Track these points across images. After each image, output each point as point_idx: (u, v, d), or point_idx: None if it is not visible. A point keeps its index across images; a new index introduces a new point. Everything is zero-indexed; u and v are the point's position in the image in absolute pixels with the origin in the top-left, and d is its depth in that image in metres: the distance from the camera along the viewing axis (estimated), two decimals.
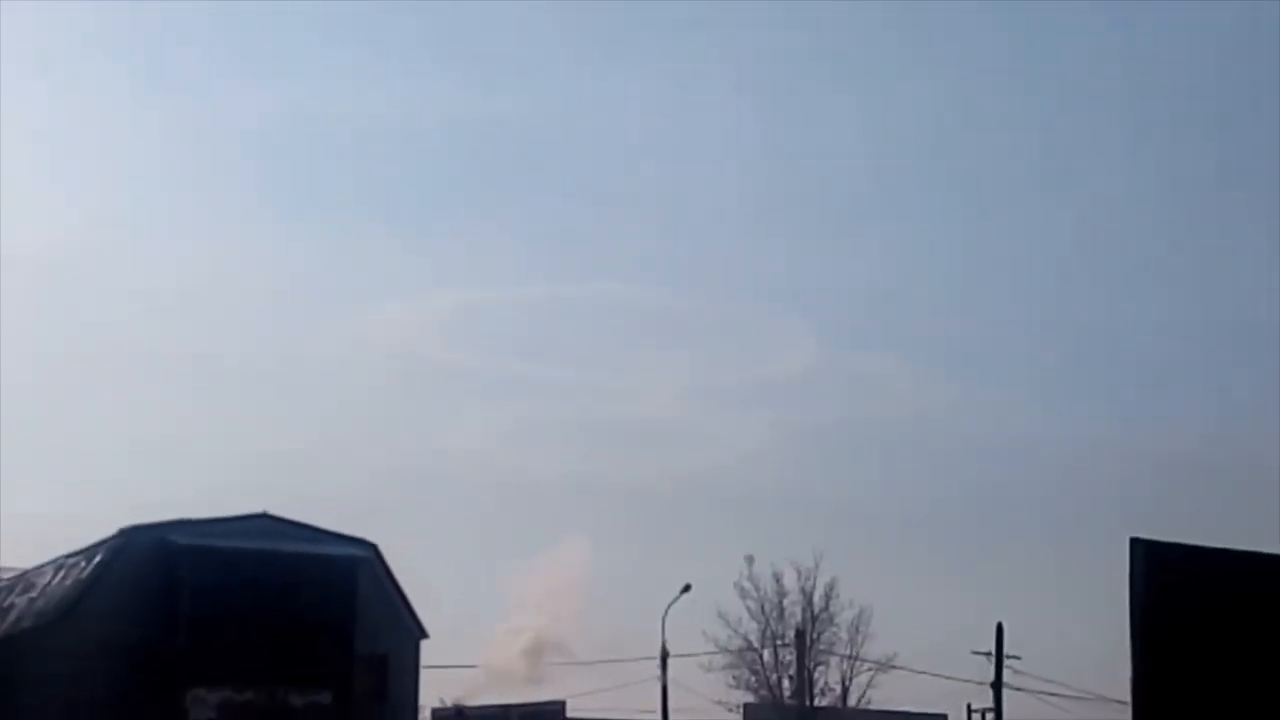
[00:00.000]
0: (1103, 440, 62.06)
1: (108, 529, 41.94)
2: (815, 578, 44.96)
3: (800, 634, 44.09)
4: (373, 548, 43.75)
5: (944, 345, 71.22)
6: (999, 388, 71.24)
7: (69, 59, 77.93)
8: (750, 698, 45.37)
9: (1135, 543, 11.00)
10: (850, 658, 45.64)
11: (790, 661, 44.79)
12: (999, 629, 38.09)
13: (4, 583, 47.68)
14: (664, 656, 40.89)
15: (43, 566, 45.89)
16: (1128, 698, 10.92)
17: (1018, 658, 38.25)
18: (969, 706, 39.71)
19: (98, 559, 42.45)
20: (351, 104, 72.81)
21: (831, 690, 45.07)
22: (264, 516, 42.88)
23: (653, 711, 41.11)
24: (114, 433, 67.00)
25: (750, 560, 45.24)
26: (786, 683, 45.04)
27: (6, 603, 46.79)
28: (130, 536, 41.64)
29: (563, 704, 44.58)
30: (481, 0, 75.21)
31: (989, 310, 73.65)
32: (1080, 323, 73.30)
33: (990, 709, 38.33)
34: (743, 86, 78.12)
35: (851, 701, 45.18)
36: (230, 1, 75.48)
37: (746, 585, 45.00)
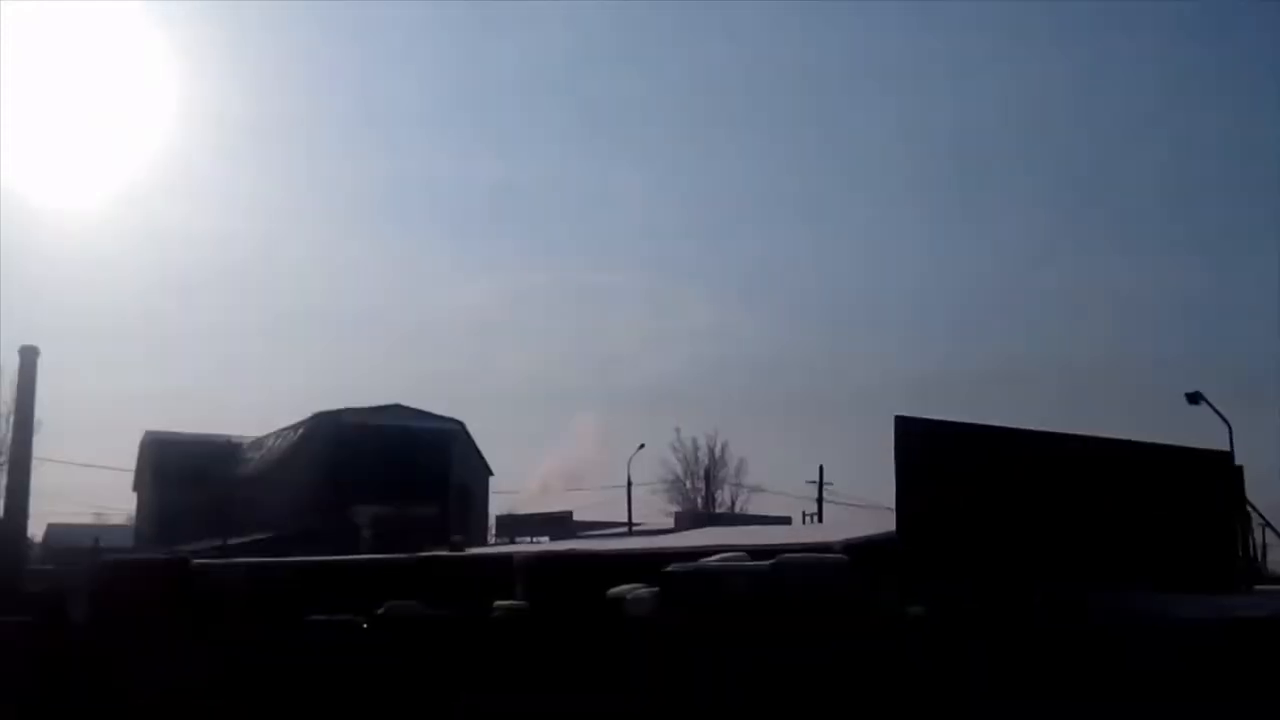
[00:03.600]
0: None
1: (305, 413, 61.48)
2: (716, 440, 61.04)
3: (707, 472, 60.83)
4: (460, 423, 61.63)
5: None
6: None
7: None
8: (679, 508, 59.61)
9: (898, 418, 14.42)
10: (735, 485, 61.58)
11: (701, 488, 60.99)
12: (820, 468, 51.03)
13: (247, 444, 66.49)
14: (629, 484, 53.84)
15: (268, 435, 65.07)
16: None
17: (832, 485, 51.14)
18: (804, 513, 52.07)
19: (300, 431, 60.80)
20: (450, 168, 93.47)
21: (724, 504, 60.88)
22: (397, 406, 59.42)
23: (624, 518, 53.94)
24: (310, 355, 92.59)
25: (678, 431, 61.42)
26: (700, 500, 60.72)
27: (247, 456, 65.60)
28: (318, 418, 59.50)
29: (570, 513, 60.16)
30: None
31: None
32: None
33: (815, 514, 50.50)
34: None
35: (737, 510, 59.96)
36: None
37: (676, 445, 61.05)
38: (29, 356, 42.68)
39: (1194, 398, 29.87)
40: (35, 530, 58.95)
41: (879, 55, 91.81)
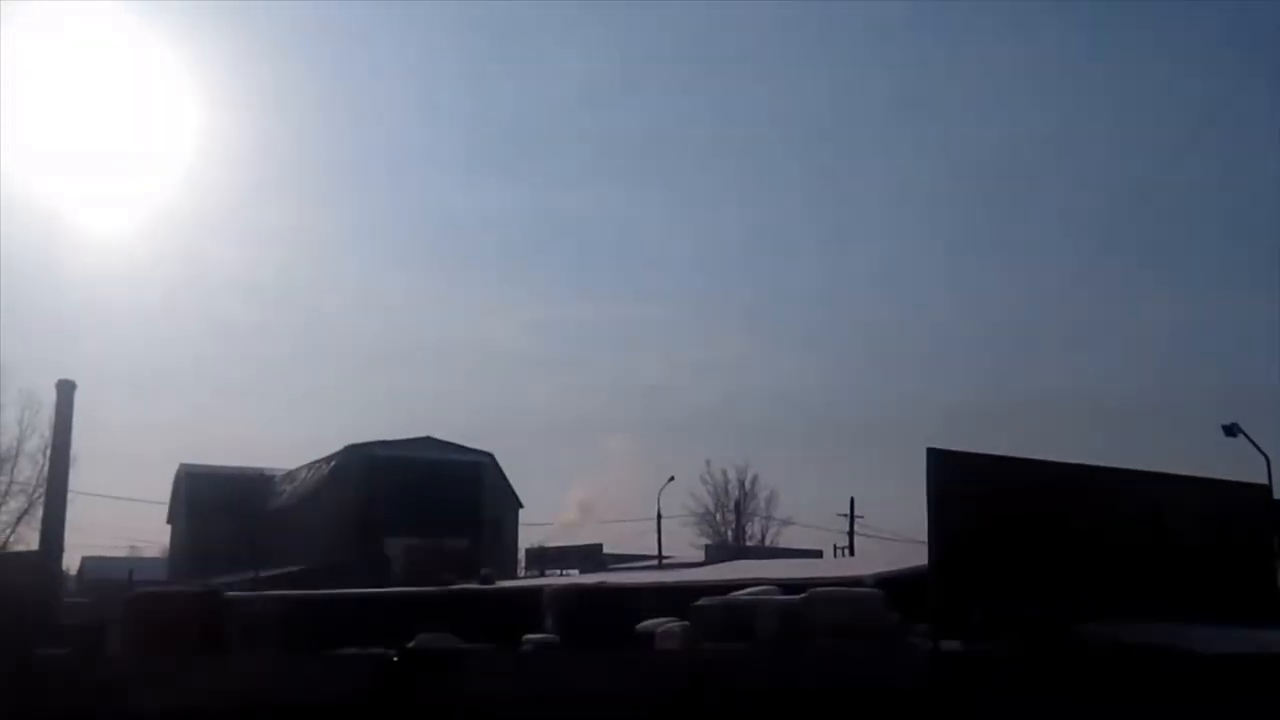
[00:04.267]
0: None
1: (337, 446, 61.26)
2: (746, 473, 59.81)
3: (737, 505, 60.00)
4: (490, 455, 61.62)
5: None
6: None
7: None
8: (709, 541, 58.40)
9: (930, 451, 14.24)
10: (766, 518, 60.72)
11: (732, 520, 60.20)
12: (851, 501, 50.06)
13: (279, 476, 66.53)
14: (659, 517, 52.65)
15: (300, 467, 65.01)
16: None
17: (862, 517, 50.20)
18: (834, 546, 51.75)
19: (332, 464, 60.59)
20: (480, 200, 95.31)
21: (755, 537, 60.04)
22: (428, 439, 59.36)
23: (654, 551, 52.92)
24: (340, 392, 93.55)
25: (708, 462, 59.93)
26: (730, 533, 59.98)
27: (279, 489, 65.61)
28: (350, 450, 59.46)
29: (600, 545, 58.59)
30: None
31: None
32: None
33: (846, 547, 49.84)
34: None
35: (767, 543, 59.24)
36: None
37: (706, 477, 59.62)
38: (66, 390, 43.26)
39: (1231, 430, 29.58)
40: (70, 563, 59.44)
41: (904, 84, 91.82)
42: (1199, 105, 79.64)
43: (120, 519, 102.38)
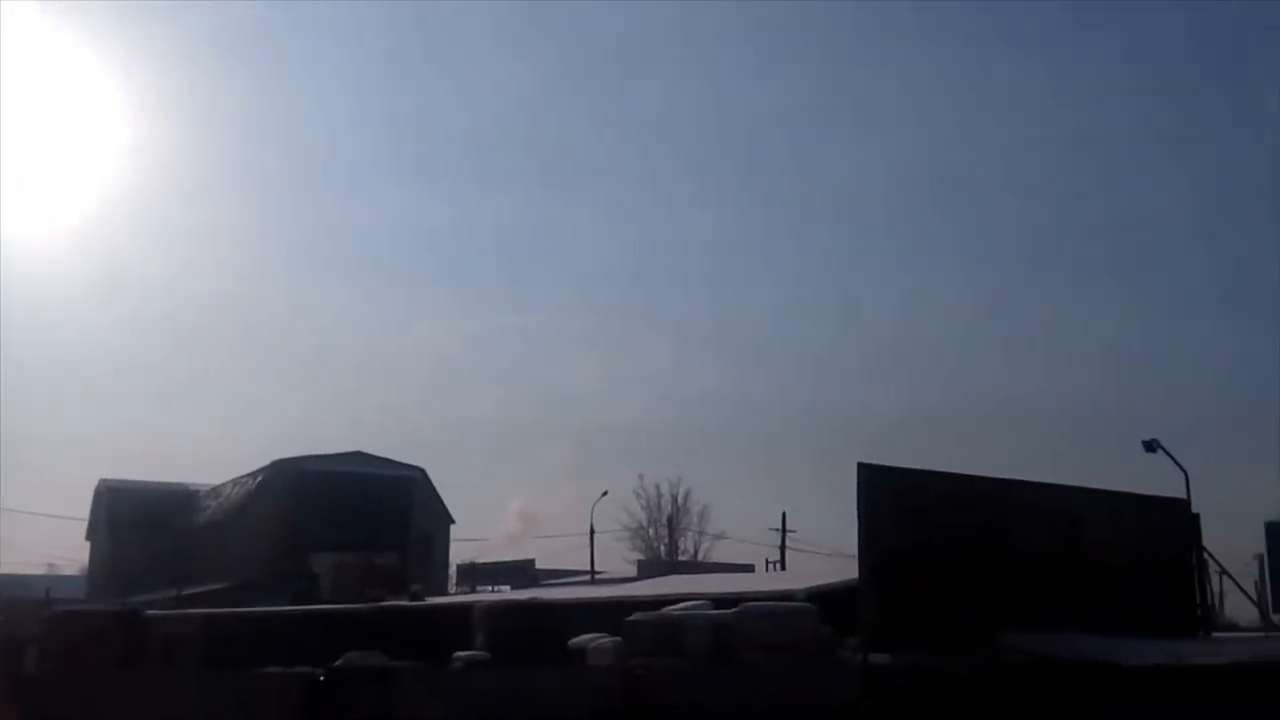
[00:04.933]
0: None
1: (264, 460, 60.61)
2: (679, 487, 61.00)
3: (670, 520, 60.87)
4: (422, 470, 61.15)
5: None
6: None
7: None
8: (642, 556, 59.89)
9: (860, 465, 14.33)
10: (698, 533, 61.59)
11: (665, 535, 61.11)
12: (783, 515, 52.03)
13: (204, 492, 65.23)
14: (592, 532, 54.49)
15: (225, 483, 63.64)
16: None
17: (794, 532, 51.99)
18: (767, 560, 52.80)
19: (259, 479, 59.70)
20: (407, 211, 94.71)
21: (688, 552, 60.93)
22: (358, 454, 58.82)
23: (586, 566, 54.47)
24: (269, 405, 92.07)
25: (641, 477, 61.30)
26: (663, 548, 60.79)
27: (204, 504, 64.27)
28: (277, 465, 58.72)
29: (532, 561, 59.80)
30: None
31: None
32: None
33: (778, 561, 50.97)
34: None
35: (699, 558, 60.12)
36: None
37: (640, 491, 60.98)
38: None
39: (1150, 445, 30.28)
40: None
41: (843, 96, 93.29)
42: (1141, 121, 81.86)
43: (38, 536, 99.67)
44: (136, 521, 59.99)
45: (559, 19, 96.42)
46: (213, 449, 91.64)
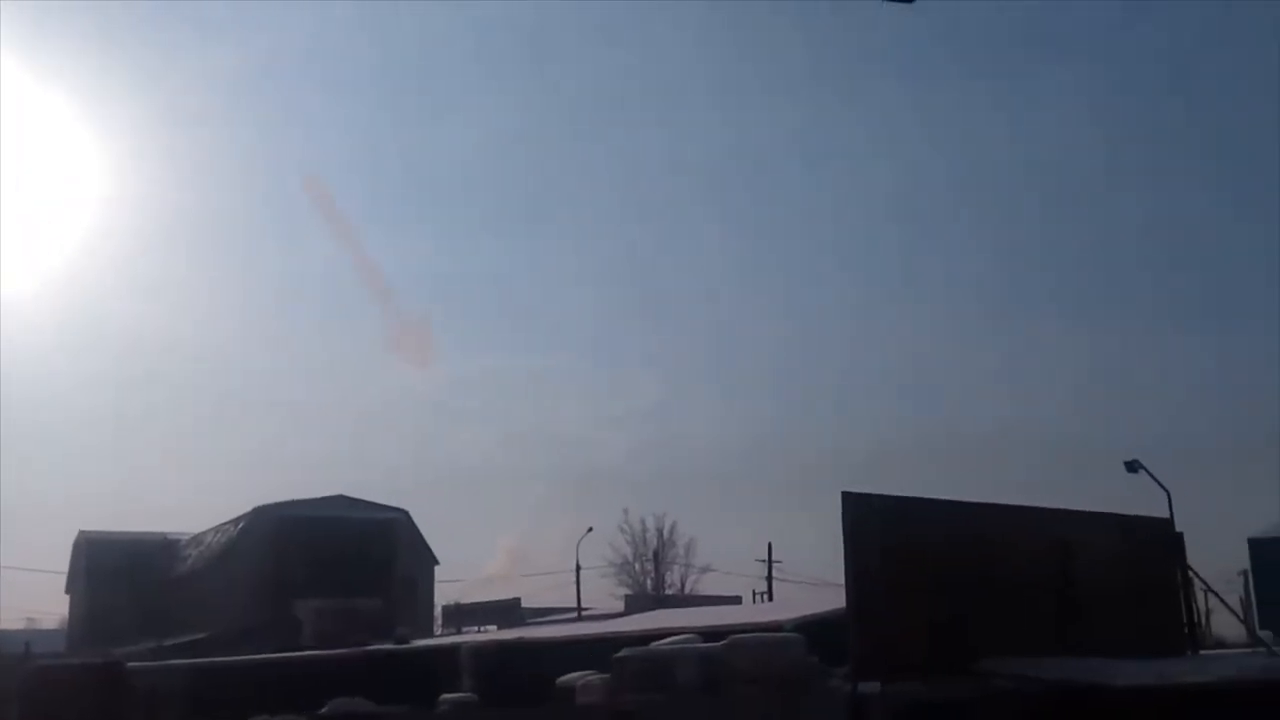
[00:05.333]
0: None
1: (244, 507, 59.98)
2: (664, 521, 61.16)
3: (656, 554, 60.90)
4: (405, 512, 60.68)
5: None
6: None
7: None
8: (629, 591, 59.89)
9: (845, 494, 14.29)
10: (685, 566, 61.86)
11: (651, 569, 61.22)
12: (769, 546, 52.65)
13: (184, 541, 64.68)
14: (578, 568, 54.89)
15: (206, 531, 63.12)
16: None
17: (780, 563, 52.49)
18: (754, 592, 53.41)
19: (240, 526, 59.15)
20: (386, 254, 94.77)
21: (674, 585, 60.97)
22: (340, 497, 58.62)
23: (573, 603, 54.99)
24: (249, 448, 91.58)
25: (626, 512, 61.43)
26: (649, 582, 60.98)
27: (185, 553, 63.75)
28: (259, 511, 58.14)
29: (518, 600, 59.54)
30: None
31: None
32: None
33: (765, 592, 51.82)
34: None
35: (686, 591, 60.18)
36: None
37: (625, 526, 61.21)
38: None
39: (1132, 466, 30.49)
40: None
41: (808, 126, 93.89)
42: (1105, 148, 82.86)
43: (16, 590, 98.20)
44: (116, 572, 59.50)
45: (544, 62, 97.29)
46: (193, 497, 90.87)
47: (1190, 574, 19.70)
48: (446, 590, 63.69)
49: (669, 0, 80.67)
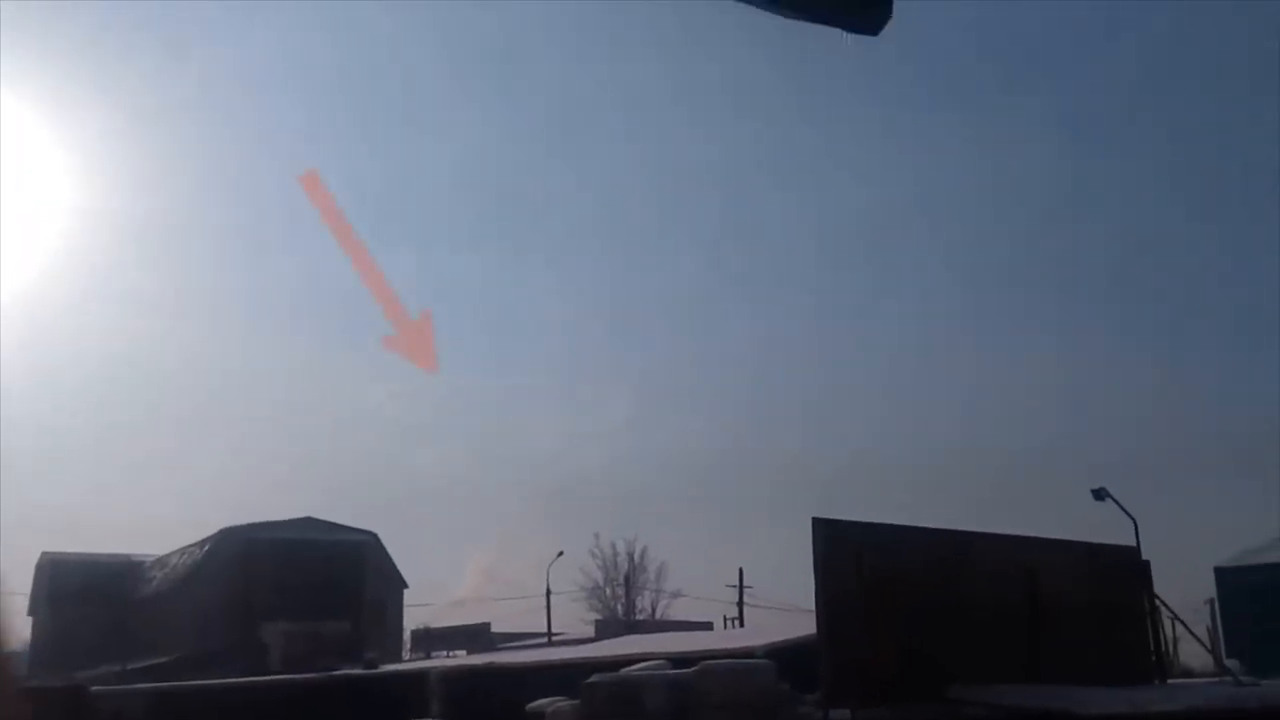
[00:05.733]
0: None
1: (211, 528, 59.01)
2: (635, 545, 60.42)
3: (627, 578, 60.41)
4: (374, 535, 59.97)
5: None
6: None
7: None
8: (599, 616, 58.62)
9: (815, 520, 14.50)
10: (656, 591, 61.25)
11: (622, 594, 60.39)
12: (740, 571, 51.70)
13: (149, 562, 63.88)
14: (548, 593, 54.26)
15: (171, 553, 62.27)
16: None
17: (751, 588, 51.19)
18: (725, 617, 51.86)
19: (206, 548, 58.33)
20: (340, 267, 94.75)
21: (645, 610, 60.18)
22: (307, 519, 57.38)
23: (543, 628, 54.17)
24: (215, 467, 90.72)
25: (597, 535, 60.57)
26: (620, 607, 60.02)
27: (150, 575, 62.83)
28: (225, 534, 57.34)
29: (488, 624, 58.93)
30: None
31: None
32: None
33: (736, 618, 50.51)
34: None
35: (657, 616, 59.33)
36: None
37: (595, 550, 60.26)
38: None
39: (1099, 494, 30.79)
40: None
41: (781, 143, 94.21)
42: (1075, 169, 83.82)
43: None
44: (80, 594, 58.56)
45: (521, 78, 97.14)
46: (158, 518, 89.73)
47: (1158, 602, 19.90)
48: (416, 614, 63.23)
49: (641, 16, 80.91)
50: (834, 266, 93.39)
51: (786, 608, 44.15)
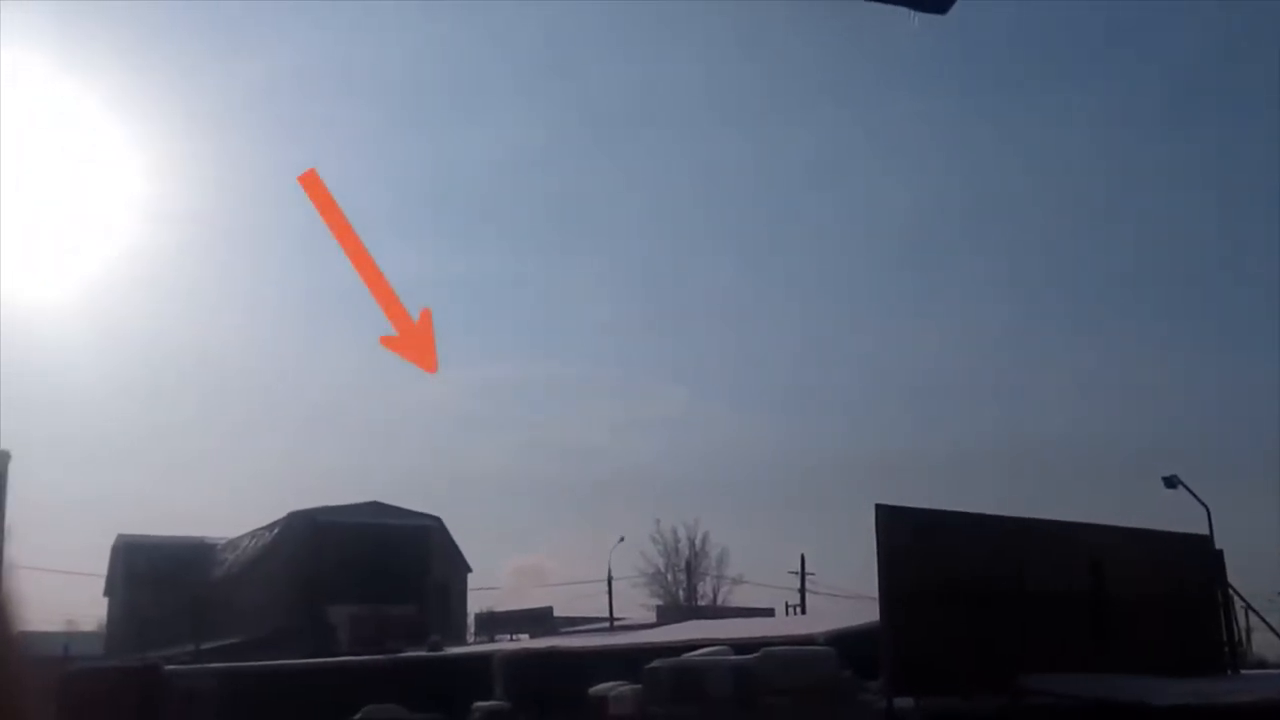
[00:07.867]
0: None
1: (280, 513, 59.89)
2: (696, 531, 59.46)
3: (688, 564, 59.48)
4: (438, 519, 60.23)
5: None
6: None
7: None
8: (660, 602, 58.24)
9: (879, 507, 14.65)
10: (717, 577, 60.36)
11: (683, 580, 59.60)
12: (802, 558, 50.75)
13: (221, 545, 65.30)
14: (610, 579, 53.16)
15: (242, 535, 63.61)
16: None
17: (813, 575, 50.43)
18: (786, 604, 51.21)
19: (275, 531, 59.40)
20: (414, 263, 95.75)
21: (706, 596, 59.45)
22: (374, 504, 57.78)
23: (605, 613, 53.38)
24: (285, 454, 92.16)
25: (658, 522, 59.44)
26: (682, 593, 59.23)
27: (221, 557, 64.36)
28: (294, 517, 58.12)
29: (550, 608, 57.78)
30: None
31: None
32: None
33: (798, 605, 49.89)
34: None
35: (719, 602, 58.51)
36: None
37: (656, 536, 59.08)
38: (0, 461, 42.14)
39: (1171, 481, 30.05)
40: None
41: (822, 146, 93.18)
42: (1120, 159, 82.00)
43: (56, 593, 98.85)
44: (154, 576, 59.47)
45: (571, 74, 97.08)
46: (230, 503, 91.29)
47: (1230, 591, 19.47)
48: (479, 598, 63.03)
49: (685, 15, 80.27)
50: (900, 256, 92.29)
51: (849, 594, 44.17)
